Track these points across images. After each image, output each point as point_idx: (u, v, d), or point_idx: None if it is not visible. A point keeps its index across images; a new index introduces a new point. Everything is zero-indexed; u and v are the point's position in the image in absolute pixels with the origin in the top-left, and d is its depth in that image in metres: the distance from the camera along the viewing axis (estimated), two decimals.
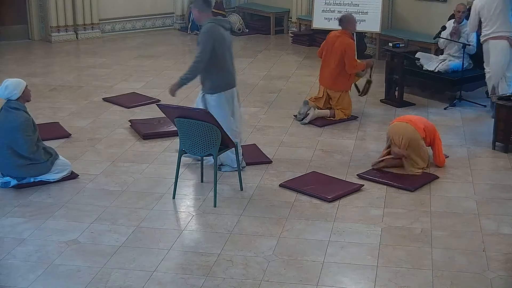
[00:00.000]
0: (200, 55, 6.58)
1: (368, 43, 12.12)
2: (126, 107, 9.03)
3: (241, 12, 14.69)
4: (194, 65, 6.61)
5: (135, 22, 14.09)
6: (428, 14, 11.17)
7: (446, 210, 6.17)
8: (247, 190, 6.55)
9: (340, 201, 6.30)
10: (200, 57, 6.58)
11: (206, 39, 6.57)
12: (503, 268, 5.21)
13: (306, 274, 5.09)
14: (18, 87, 6.55)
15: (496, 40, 8.52)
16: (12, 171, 6.53)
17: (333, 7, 11.23)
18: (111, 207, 6.19)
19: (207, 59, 6.56)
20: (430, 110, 8.94)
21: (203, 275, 5.06)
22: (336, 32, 8.55)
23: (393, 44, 9.41)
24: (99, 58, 11.84)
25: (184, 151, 6.31)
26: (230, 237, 5.64)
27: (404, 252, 5.40)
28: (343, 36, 8.42)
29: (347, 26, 8.48)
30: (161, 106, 6.50)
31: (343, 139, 7.94)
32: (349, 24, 8.50)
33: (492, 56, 8.57)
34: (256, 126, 8.36)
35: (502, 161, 7.30)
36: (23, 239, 5.60)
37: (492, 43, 8.55)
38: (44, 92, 9.66)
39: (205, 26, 6.65)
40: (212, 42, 6.56)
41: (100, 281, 4.99)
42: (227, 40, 6.74)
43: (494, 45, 8.54)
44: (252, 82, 10.37)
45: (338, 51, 8.35)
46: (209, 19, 6.70)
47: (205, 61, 6.57)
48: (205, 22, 6.67)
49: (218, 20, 6.76)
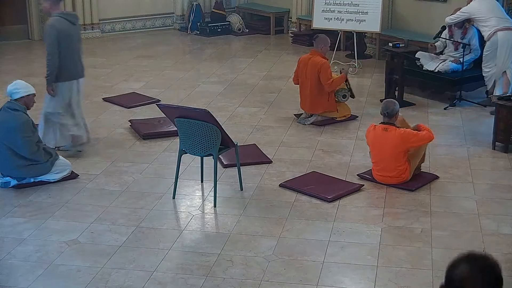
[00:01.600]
0: (48, 49, 7.08)
1: (368, 43, 12.13)
2: (126, 107, 9.03)
3: (241, 12, 14.69)
4: (48, 60, 7.10)
5: (135, 22, 14.09)
6: (428, 14, 11.17)
7: (446, 210, 6.17)
8: (247, 190, 6.55)
9: (340, 201, 6.30)
10: (49, 50, 7.08)
11: (50, 32, 7.06)
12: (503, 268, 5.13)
13: (306, 274, 5.09)
14: (25, 88, 6.61)
15: (506, 30, 8.64)
16: (12, 171, 6.53)
17: (333, 7, 11.22)
18: (111, 207, 6.19)
19: (57, 51, 7.05)
20: (430, 110, 8.94)
21: (203, 275, 5.06)
22: (308, 54, 8.41)
23: (393, 44, 9.41)
24: (99, 58, 11.84)
25: (184, 151, 6.31)
26: (230, 237, 5.64)
27: (404, 252, 5.40)
28: (315, 56, 8.25)
29: (318, 46, 8.30)
30: (161, 106, 6.50)
31: (343, 139, 7.94)
32: (319, 44, 8.29)
33: (502, 47, 8.63)
34: (256, 126, 8.36)
35: (502, 161, 7.30)
36: (23, 239, 5.60)
37: (502, 34, 8.63)
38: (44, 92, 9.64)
39: (51, 19, 7.13)
40: (56, 35, 7.05)
41: (100, 281, 4.98)
42: (72, 33, 7.23)
43: (505, 36, 8.62)
44: (252, 82, 10.37)
45: (313, 72, 8.19)
46: (57, 12, 7.14)
47: (55, 53, 7.05)
48: (53, 15, 7.12)
49: (65, 15, 7.30)
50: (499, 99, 7.67)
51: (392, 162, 6.49)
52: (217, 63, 11.56)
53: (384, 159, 6.53)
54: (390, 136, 6.48)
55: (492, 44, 8.74)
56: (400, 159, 6.50)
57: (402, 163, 6.52)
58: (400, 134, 6.45)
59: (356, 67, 10.92)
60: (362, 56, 11.66)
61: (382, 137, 6.53)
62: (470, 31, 9.22)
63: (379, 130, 6.58)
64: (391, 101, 6.72)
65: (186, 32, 14.03)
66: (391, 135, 6.48)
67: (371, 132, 6.67)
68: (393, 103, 6.63)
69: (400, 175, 6.52)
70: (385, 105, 6.60)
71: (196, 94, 9.73)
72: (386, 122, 6.58)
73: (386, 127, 6.53)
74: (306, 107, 8.41)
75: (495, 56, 8.72)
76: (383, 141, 6.52)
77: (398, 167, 6.51)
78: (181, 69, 11.16)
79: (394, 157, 6.47)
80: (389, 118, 6.56)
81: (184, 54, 12.63)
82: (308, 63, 8.28)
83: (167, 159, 7.30)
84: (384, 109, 6.57)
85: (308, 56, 8.35)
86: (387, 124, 6.54)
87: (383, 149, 6.54)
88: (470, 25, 9.21)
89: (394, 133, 6.48)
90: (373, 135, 6.64)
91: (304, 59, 8.37)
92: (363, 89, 9.98)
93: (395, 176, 6.54)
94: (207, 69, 11.20)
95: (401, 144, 6.45)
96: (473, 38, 9.17)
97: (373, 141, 6.65)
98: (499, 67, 8.71)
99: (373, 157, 6.68)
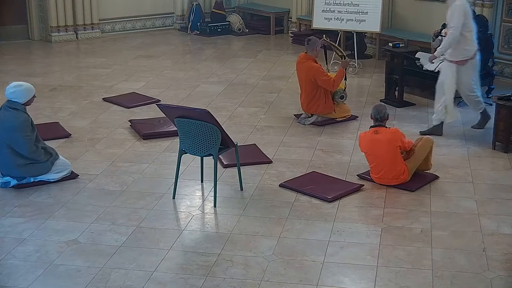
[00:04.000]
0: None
1: (368, 43, 12.12)
2: (126, 107, 9.03)
3: (241, 12, 14.69)
4: None
5: (135, 22, 14.09)
6: (428, 14, 11.17)
7: (446, 210, 6.17)
8: (247, 190, 6.55)
9: (340, 201, 6.30)
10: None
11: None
12: (503, 268, 5.21)
13: (306, 274, 5.09)
14: (26, 95, 6.56)
15: None
16: (12, 170, 6.53)
17: (333, 7, 11.22)
18: (111, 207, 6.19)
19: None
20: (430, 110, 8.93)
21: (203, 275, 5.05)
22: (301, 57, 8.35)
23: (393, 44, 9.41)
24: (99, 58, 11.84)
25: (184, 151, 6.31)
26: (230, 237, 5.64)
27: (404, 252, 5.40)
28: (307, 61, 8.23)
29: (313, 49, 8.26)
30: (161, 106, 6.50)
31: (343, 139, 7.94)
32: (313, 47, 8.24)
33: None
34: (256, 126, 8.36)
35: (502, 161, 7.30)
36: (23, 239, 5.60)
37: None
38: (44, 92, 9.67)
39: None
40: None
41: (100, 281, 4.99)
42: None
43: None
44: (252, 82, 10.37)
45: (307, 76, 8.20)
46: None
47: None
48: None
49: None
50: (499, 99, 7.67)
51: (389, 162, 6.50)
52: (217, 63, 11.56)
53: (381, 161, 6.54)
54: (381, 136, 6.54)
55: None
56: (397, 157, 6.52)
57: (400, 162, 6.54)
58: (391, 131, 6.57)
59: (356, 67, 10.92)
60: (362, 56, 11.66)
61: (375, 139, 6.57)
62: None
63: (370, 134, 6.64)
64: (382, 105, 6.80)
65: (186, 32, 14.03)
66: (382, 135, 6.54)
67: (363, 139, 6.71)
68: (384, 107, 6.71)
69: (399, 176, 6.53)
70: (377, 110, 6.65)
71: (196, 94, 9.72)
72: (376, 125, 6.62)
73: (376, 129, 6.60)
74: (305, 107, 8.43)
75: None
76: (376, 143, 6.56)
77: (396, 167, 6.52)
78: (181, 69, 11.16)
79: (390, 156, 6.49)
80: (381, 122, 6.64)
81: (184, 54, 12.63)
82: (302, 67, 8.29)
83: (167, 159, 7.30)
84: (376, 114, 6.63)
85: (301, 60, 8.32)
86: (377, 127, 6.60)
87: (378, 150, 6.56)
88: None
89: (385, 132, 6.55)
90: (365, 141, 6.68)
91: (298, 62, 8.37)
92: (363, 89, 9.99)
93: (394, 178, 6.55)
94: (207, 69, 11.20)
95: (393, 138, 6.51)
96: None
97: (367, 146, 6.68)
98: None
99: (371, 162, 6.70)
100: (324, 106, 8.32)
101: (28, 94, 6.58)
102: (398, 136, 6.55)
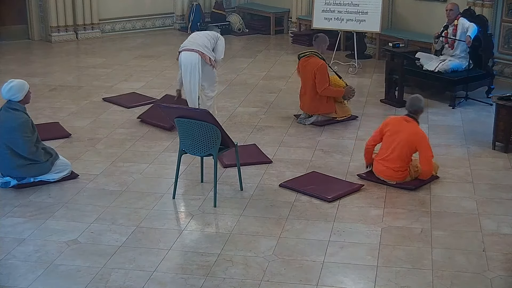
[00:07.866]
0: None
1: (368, 43, 12.12)
2: (126, 107, 9.03)
3: (241, 12, 14.69)
4: None
5: (135, 22, 14.09)
6: (428, 14, 11.17)
7: (446, 210, 6.17)
8: (247, 190, 6.55)
9: (340, 201, 6.30)
10: None
11: None
12: (503, 268, 5.21)
13: (306, 274, 5.09)
14: (22, 90, 6.55)
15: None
16: (12, 171, 6.53)
17: (333, 7, 11.23)
18: (111, 207, 6.19)
19: None
20: (430, 110, 8.94)
21: (203, 275, 5.06)
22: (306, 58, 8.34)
23: (393, 44, 9.41)
24: (99, 58, 11.84)
25: (184, 151, 6.31)
26: (230, 237, 5.64)
27: (404, 252, 5.40)
28: (312, 57, 8.23)
29: (320, 46, 8.29)
30: (161, 106, 6.50)
31: (343, 139, 7.94)
32: (320, 44, 8.28)
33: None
34: (256, 126, 8.36)
35: (502, 161, 7.30)
36: (23, 239, 5.61)
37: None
38: (44, 92, 9.66)
39: None
40: None
41: (100, 281, 4.99)
42: None
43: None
44: (252, 82, 10.37)
45: (310, 73, 8.19)
46: None
47: None
48: None
49: None
50: (499, 99, 7.67)
51: (398, 153, 6.53)
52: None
53: (394, 147, 6.55)
54: (409, 126, 6.57)
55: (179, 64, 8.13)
56: (407, 153, 6.55)
57: (407, 160, 6.57)
58: (419, 131, 6.58)
59: (356, 67, 10.92)
60: (362, 56, 11.66)
61: (401, 125, 6.62)
62: (459, 27, 9.18)
63: (401, 117, 6.71)
64: (416, 98, 6.73)
65: (186, 32, 14.00)
66: (410, 126, 6.58)
67: (393, 118, 6.84)
68: (418, 100, 6.70)
69: (399, 169, 6.55)
70: (409, 102, 6.72)
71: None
72: (410, 115, 6.65)
73: (408, 119, 6.63)
74: (306, 108, 8.41)
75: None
76: (401, 128, 6.59)
77: (401, 161, 6.53)
78: None
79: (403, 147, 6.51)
80: (414, 114, 6.68)
81: None
82: (306, 64, 8.27)
83: (167, 159, 7.30)
84: (409, 106, 6.70)
85: (306, 58, 8.30)
86: (410, 117, 6.64)
87: (398, 135, 6.58)
88: (458, 21, 9.18)
89: (413, 126, 6.59)
90: (395, 120, 6.75)
91: (302, 61, 8.34)
92: (363, 89, 9.98)
93: (394, 170, 6.54)
94: None
95: (415, 137, 6.52)
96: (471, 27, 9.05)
97: (392, 123, 6.70)
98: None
99: (383, 143, 6.70)
100: (325, 106, 8.32)
101: (22, 88, 6.56)
102: (421, 139, 6.53)
